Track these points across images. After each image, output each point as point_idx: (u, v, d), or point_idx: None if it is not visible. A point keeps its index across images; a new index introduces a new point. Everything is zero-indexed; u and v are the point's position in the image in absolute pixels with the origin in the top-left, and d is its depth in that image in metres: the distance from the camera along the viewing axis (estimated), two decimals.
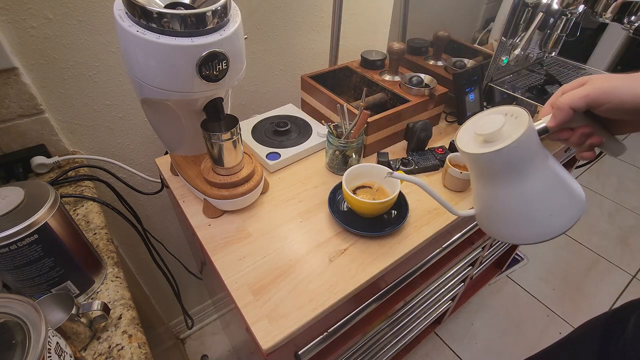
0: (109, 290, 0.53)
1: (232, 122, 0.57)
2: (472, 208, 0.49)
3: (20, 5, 0.59)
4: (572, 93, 0.38)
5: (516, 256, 1.68)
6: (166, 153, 0.77)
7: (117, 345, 0.47)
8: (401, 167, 0.73)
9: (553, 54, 0.84)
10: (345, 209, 0.65)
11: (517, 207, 0.43)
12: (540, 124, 0.41)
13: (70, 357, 0.36)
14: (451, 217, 0.64)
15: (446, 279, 0.94)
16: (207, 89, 0.48)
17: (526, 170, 0.40)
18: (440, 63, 0.96)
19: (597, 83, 0.37)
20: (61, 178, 0.68)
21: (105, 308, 0.46)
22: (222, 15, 0.45)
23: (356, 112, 0.68)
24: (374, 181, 0.65)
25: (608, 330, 0.55)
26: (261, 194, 0.68)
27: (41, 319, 0.31)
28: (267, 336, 0.47)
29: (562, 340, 0.64)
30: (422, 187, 0.51)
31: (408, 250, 0.59)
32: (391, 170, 0.55)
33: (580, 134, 0.40)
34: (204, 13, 0.42)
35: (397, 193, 0.59)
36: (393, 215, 0.65)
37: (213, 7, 0.43)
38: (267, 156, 0.73)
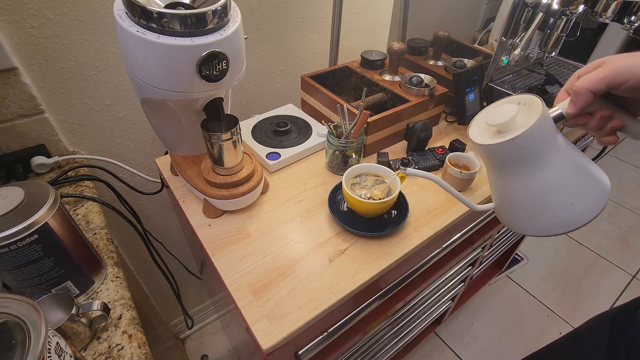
0: (109, 290, 0.53)
1: (232, 122, 0.57)
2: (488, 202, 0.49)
3: (20, 5, 0.59)
4: (589, 76, 0.37)
5: (516, 256, 1.68)
6: (166, 153, 0.77)
7: (117, 345, 0.47)
8: (401, 167, 0.73)
9: (553, 54, 0.84)
10: (345, 209, 0.65)
11: (536, 198, 0.41)
12: (556, 111, 0.40)
13: (70, 357, 0.36)
14: (451, 217, 0.64)
15: (446, 279, 0.94)
16: (207, 89, 0.48)
17: (543, 158, 0.39)
18: (440, 63, 0.96)
19: (614, 63, 0.36)
20: (61, 178, 0.68)
21: (105, 308, 0.46)
22: (222, 15, 0.45)
23: (356, 112, 0.68)
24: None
25: (616, 323, 0.54)
26: (261, 194, 0.68)
27: (41, 319, 0.31)
28: (267, 336, 0.47)
29: (569, 334, 0.64)
30: (437, 182, 0.50)
31: (408, 250, 0.59)
32: (404, 168, 0.53)
33: (599, 117, 0.38)
34: (204, 13, 0.42)
35: (397, 193, 0.59)
36: (393, 215, 0.65)
37: (213, 7, 0.43)
38: (267, 156, 0.73)
